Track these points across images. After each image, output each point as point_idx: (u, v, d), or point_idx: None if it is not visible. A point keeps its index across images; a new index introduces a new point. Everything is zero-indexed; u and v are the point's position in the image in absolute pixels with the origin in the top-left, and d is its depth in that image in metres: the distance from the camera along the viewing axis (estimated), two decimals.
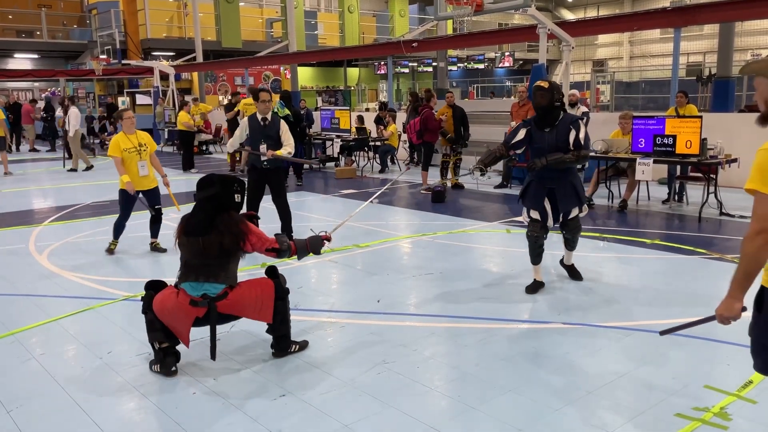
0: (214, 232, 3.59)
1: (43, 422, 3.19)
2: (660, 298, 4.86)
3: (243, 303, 3.68)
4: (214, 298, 3.59)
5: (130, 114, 6.40)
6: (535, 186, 5.02)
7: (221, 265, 3.64)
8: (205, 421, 3.17)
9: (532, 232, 5.05)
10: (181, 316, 3.60)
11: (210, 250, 3.58)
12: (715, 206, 7.81)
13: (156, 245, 6.62)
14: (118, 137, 6.30)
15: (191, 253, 3.66)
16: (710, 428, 2.98)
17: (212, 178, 3.80)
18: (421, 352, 3.94)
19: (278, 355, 3.88)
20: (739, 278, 2.24)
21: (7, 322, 4.60)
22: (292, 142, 6.45)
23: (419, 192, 10.17)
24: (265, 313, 3.73)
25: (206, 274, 3.61)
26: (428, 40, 14.86)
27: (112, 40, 22.66)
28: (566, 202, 5.00)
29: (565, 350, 3.92)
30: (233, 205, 3.73)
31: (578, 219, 5.13)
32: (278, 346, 3.89)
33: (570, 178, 4.98)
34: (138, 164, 6.29)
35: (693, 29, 25.46)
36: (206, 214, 3.65)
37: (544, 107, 4.85)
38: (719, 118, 10.03)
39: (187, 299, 3.57)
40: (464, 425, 3.06)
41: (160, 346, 3.68)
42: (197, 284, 3.60)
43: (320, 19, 27.40)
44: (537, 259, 5.12)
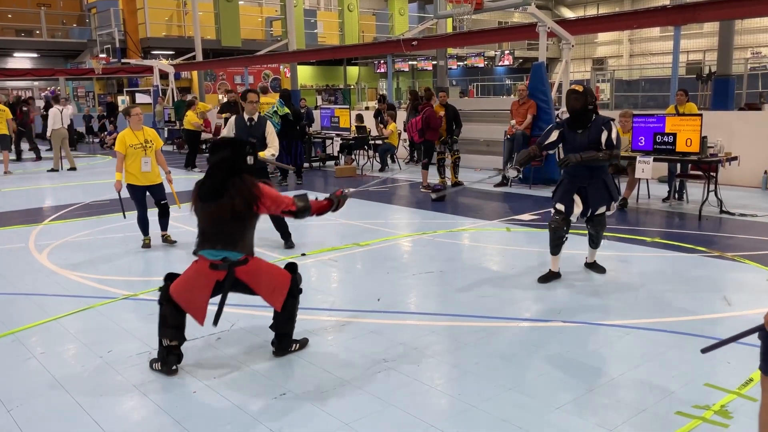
0: (227, 196, 3.57)
1: (43, 421, 3.19)
2: (660, 297, 4.86)
3: (260, 276, 3.69)
4: (234, 263, 3.60)
5: (137, 111, 6.50)
6: (567, 183, 5.19)
7: (237, 233, 3.63)
8: (205, 420, 3.17)
9: (554, 222, 5.15)
10: (200, 284, 3.63)
11: (223, 214, 3.56)
12: (715, 204, 7.81)
13: (167, 237, 6.81)
14: (125, 133, 6.38)
15: (206, 220, 3.66)
16: (711, 426, 2.98)
17: (224, 141, 3.79)
18: (421, 350, 3.93)
19: (279, 353, 3.88)
20: None
21: (7, 321, 4.60)
22: (276, 144, 6.45)
23: (420, 190, 10.17)
24: (277, 298, 3.72)
25: (223, 242, 3.62)
26: (428, 38, 14.86)
27: (111, 39, 22.66)
28: (598, 200, 5.17)
29: (566, 348, 3.92)
30: (245, 168, 3.69)
31: (604, 215, 5.28)
32: (279, 344, 3.88)
33: (602, 176, 5.16)
34: (141, 160, 6.38)
35: (693, 27, 25.44)
36: (218, 178, 3.61)
37: (578, 110, 5.04)
38: (719, 116, 10.02)
39: (207, 263, 3.61)
40: (464, 424, 3.06)
41: (168, 344, 3.68)
42: (215, 251, 3.62)
43: (320, 17, 27.39)
44: (556, 249, 5.20)
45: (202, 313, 3.66)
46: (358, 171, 12.65)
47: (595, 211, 5.21)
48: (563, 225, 5.14)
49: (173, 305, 3.68)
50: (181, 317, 3.71)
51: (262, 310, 4.62)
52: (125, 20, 23.13)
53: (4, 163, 13.63)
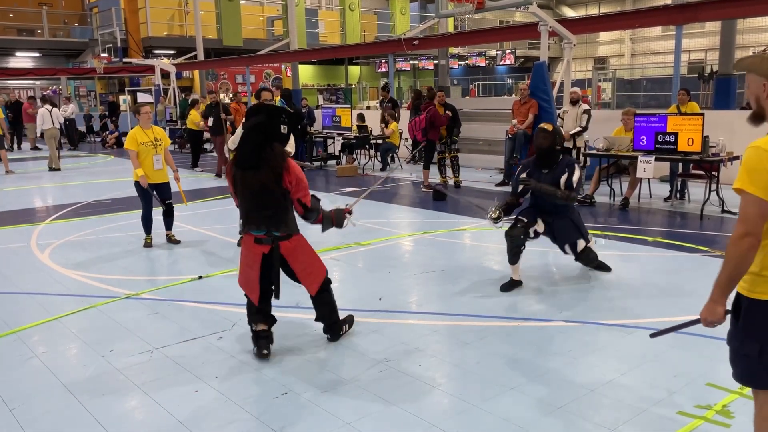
0: (265, 166, 3.56)
1: (45, 420, 3.20)
2: (662, 296, 4.85)
3: (301, 254, 3.78)
4: (278, 237, 3.69)
5: (147, 109, 6.58)
6: (532, 209, 5.20)
7: (280, 212, 3.66)
8: (207, 419, 3.17)
9: (512, 232, 5.05)
10: (249, 261, 3.72)
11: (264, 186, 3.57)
12: (716, 204, 7.80)
13: (171, 237, 6.85)
14: (136, 131, 6.42)
15: (248, 197, 3.67)
16: (713, 426, 2.98)
17: (259, 106, 3.81)
18: (422, 350, 3.93)
19: (333, 339, 4.05)
20: (722, 282, 2.16)
21: (9, 320, 4.60)
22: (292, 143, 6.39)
23: (421, 190, 10.17)
24: (312, 281, 3.83)
25: (267, 222, 3.66)
26: (429, 37, 14.85)
27: (113, 38, 22.68)
28: (566, 235, 5.12)
29: (567, 348, 3.92)
30: (279, 137, 3.67)
31: (590, 250, 5.19)
32: (331, 331, 4.04)
33: (568, 214, 5.13)
34: (153, 158, 6.45)
35: (695, 26, 25.40)
36: (254, 144, 3.60)
37: (545, 149, 5.03)
38: (721, 115, 10.01)
39: (252, 238, 3.70)
40: (466, 423, 3.06)
41: (256, 329, 3.78)
42: (259, 230, 3.71)
43: (321, 17, 27.38)
44: (514, 258, 5.08)
45: (255, 291, 3.75)
46: (360, 170, 12.64)
47: (574, 248, 5.13)
48: (521, 233, 5.03)
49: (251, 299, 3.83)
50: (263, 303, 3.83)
51: None
52: (127, 19, 23.14)
53: (4, 163, 13.64)
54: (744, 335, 2.18)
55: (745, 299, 2.17)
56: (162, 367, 3.77)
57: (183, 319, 4.58)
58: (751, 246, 2.07)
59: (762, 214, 2.05)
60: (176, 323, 4.52)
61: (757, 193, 2.03)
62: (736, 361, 2.25)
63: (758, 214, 2.04)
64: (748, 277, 2.16)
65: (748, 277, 2.16)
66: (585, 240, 5.15)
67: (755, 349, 2.14)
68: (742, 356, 2.21)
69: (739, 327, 2.20)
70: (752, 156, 2.05)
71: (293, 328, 4.35)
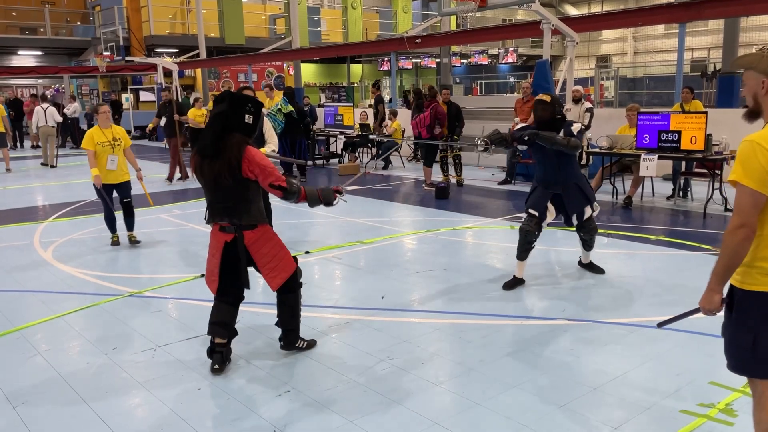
0: (223, 155, 3.47)
1: (49, 418, 3.20)
2: (665, 295, 4.84)
3: (265, 247, 3.65)
4: (242, 226, 3.59)
5: (105, 108, 6.46)
6: (541, 190, 5.16)
7: (241, 203, 3.57)
8: (209, 417, 3.17)
9: (526, 226, 5.07)
10: (212, 248, 3.67)
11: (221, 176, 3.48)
12: (719, 202, 7.79)
13: (132, 238, 6.74)
14: (93, 131, 6.36)
15: (208, 186, 3.63)
16: (716, 424, 2.98)
17: (224, 94, 3.69)
18: (425, 348, 3.93)
19: (286, 348, 3.88)
20: (718, 271, 2.23)
21: (12, 318, 4.61)
22: (275, 140, 6.32)
23: (423, 188, 10.16)
24: (275, 277, 3.68)
25: (229, 213, 3.59)
26: (431, 36, 14.83)
27: (115, 36, 22.67)
28: (575, 204, 5.12)
29: (570, 347, 3.92)
30: (241, 127, 3.54)
31: (593, 219, 5.21)
32: (286, 339, 3.88)
33: (574, 180, 5.11)
34: (108, 158, 6.37)
35: (698, 24, 25.34)
36: (214, 133, 3.52)
37: (547, 120, 5.01)
38: (724, 113, 9.99)
39: (218, 226, 3.65)
40: (469, 421, 3.06)
41: (213, 341, 3.70)
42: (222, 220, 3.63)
43: (323, 15, 27.38)
44: (524, 255, 5.10)
45: (215, 281, 3.68)
46: (362, 168, 12.64)
47: (581, 216, 5.16)
48: (535, 229, 5.05)
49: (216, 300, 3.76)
50: (223, 313, 3.73)
51: (264, 307, 4.63)
52: (129, 18, 23.14)
53: (5, 161, 13.67)
54: (736, 326, 2.25)
55: (738, 291, 2.24)
56: (165, 364, 3.78)
57: (186, 317, 4.59)
58: (746, 236, 2.14)
59: (755, 205, 2.12)
60: (179, 321, 4.53)
61: (751, 184, 2.10)
62: (730, 351, 2.32)
63: (752, 204, 2.12)
64: (740, 269, 2.23)
65: (740, 269, 2.23)
66: (591, 207, 5.18)
67: (749, 339, 2.21)
68: (735, 346, 2.28)
69: (732, 318, 2.27)
70: (746, 149, 2.14)
71: None
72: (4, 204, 9.51)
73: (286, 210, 8.51)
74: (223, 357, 3.69)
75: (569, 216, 5.21)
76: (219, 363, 3.66)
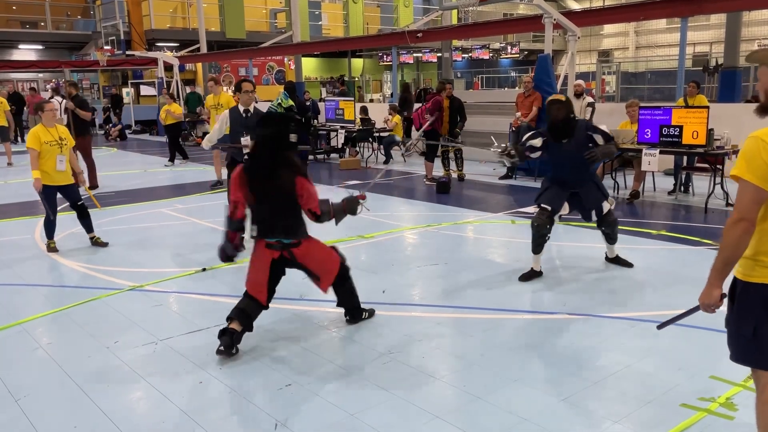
0: (278, 176, 3.66)
1: (51, 411, 3.22)
2: (666, 289, 4.84)
3: (313, 255, 3.88)
4: (288, 244, 3.79)
5: (51, 106, 6.20)
6: (557, 189, 5.18)
7: (291, 220, 3.77)
8: (211, 410, 3.18)
9: (538, 221, 5.09)
10: (258, 264, 3.81)
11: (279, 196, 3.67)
12: (721, 197, 7.78)
13: (96, 240, 6.47)
14: (38, 129, 6.04)
15: (262, 206, 3.73)
16: (716, 419, 2.98)
17: (270, 116, 3.91)
18: (426, 342, 3.94)
19: (352, 322, 4.21)
20: (718, 266, 2.26)
21: (14, 311, 4.62)
22: None
23: (424, 183, 10.16)
24: (326, 281, 3.93)
25: (279, 231, 3.76)
26: (433, 30, 14.79)
27: (116, 30, 22.65)
28: (594, 200, 5.20)
29: (571, 341, 3.92)
30: (288, 145, 3.74)
31: (612, 212, 5.28)
32: (352, 317, 4.21)
33: (591, 178, 5.23)
34: (57, 158, 6.07)
35: (700, 19, 25.24)
36: (267, 155, 3.68)
37: (562, 120, 5.02)
38: (726, 108, 9.97)
39: (264, 243, 3.78)
40: (469, 415, 3.07)
41: (229, 325, 3.75)
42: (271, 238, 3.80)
43: (324, 9, 27.32)
44: (538, 248, 5.14)
45: (264, 293, 3.82)
46: (363, 163, 12.63)
47: (600, 212, 5.22)
48: (547, 223, 5.07)
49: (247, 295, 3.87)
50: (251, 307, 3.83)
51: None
52: (130, 12, 23.10)
53: (7, 155, 13.67)
54: (738, 317, 2.29)
55: (740, 282, 2.27)
56: (167, 358, 3.79)
57: (187, 311, 4.60)
58: (745, 231, 2.16)
59: (756, 200, 2.15)
60: (180, 315, 4.54)
61: (753, 180, 2.13)
62: (732, 341, 2.35)
63: (753, 200, 2.15)
64: (743, 261, 2.25)
65: (743, 261, 2.25)
66: (608, 202, 5.25)
67: (750, 329, 2.24)
68: (737, 337, 2.31)
69: (734, 310, 2.31)
70: (751, 146, 2.17)
71: (297, 320, 4.36)
72: (5, 198, 9.53)
73: None
74: (232, 341, 3.72)
75: (587, 212, 5.28)
76: (226, 345, 3.69)
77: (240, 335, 3.77)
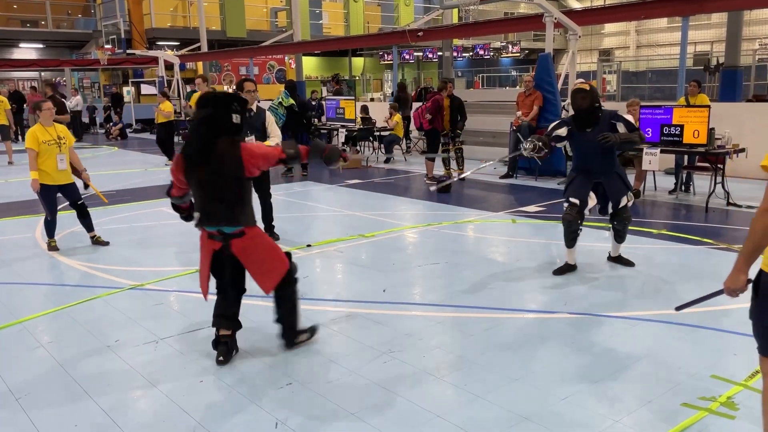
0: (215, 160, 3.40)
1: (51, 409, 3.21)
2: (666, 289, 4.84)
3: (255, 253, 3.56)
4: (230, 235, 3.51)
5: (49, 105, 6.11)
6: (582, 179, 5.19)
7: (233, 205, 3.50)
8: (212, 409, 3.18)
9: (568, 216, 5.12)
10: (203, 255, 3.64)
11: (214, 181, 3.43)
12: (722, 196, 7.77)
13: (97, 239, 6.46)
14: (36, 129, 5.99)
15: (199, 191, 3.52)
16: (717, 418, 2.98)
17: (208, 96, 3.58)
18: (427, 341, 3.94)
19: (287, 346, 3.83)
20: (746, 252, 2.32)
21: (14, 310, 4.62)
22: (278, 133, 6.20)
23: (425, 182, 10.15)
24: (267, 281, 3.60)
25: (218, 216, 3.50)
26: (434, 29, 14.78)
27: (116, 29, 22.64)
28: (616, 192, 5.18)
29: (572, 340, 3.92)
30: (229, 127, 3.47)
31: (628, 208, 5.26)
32: (286, 337, 3.82)
33: (616, 169, 5.21)
34: (57, 157, 6.04)
35: (700, 18, 25.21)
36: (203, 139, 3.43)
37: (586, 109, 5.00)
38: (727, 107, 9.96)
39: (206, 233, 3.60)
40: (470, 414, 3.07)
41: (218, 334, 3.71)
42: (212, 227, 3.55)
43: (325, 8, 27.31)
44: (571, 242, 5.18)
45: (204, 286, 3.68)
46: (364, 162, 12.63)
47: (617, 205, 5.20)
48: (577, 218, 5.11)
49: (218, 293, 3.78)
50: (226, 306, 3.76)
51: (269, 300, 4.63)
52: (130, 10, 23.11)
53: (8, 153, 13.67)
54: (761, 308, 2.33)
55: (766, 275, 2.31)
56: (167, 357, 3.79)
57: (188, 310, 4.60)
58: None
59: None
60: (181, 314, 4.54)
61: None
62: (761, 333, 2.39)
63: None
64: None
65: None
66: (627, 197, 5.23)
67: None
68: (763, 328, 2.35)
69: (759, 302, 2.35)
70: None
71: None
72: (6, 197, 9.53)
73: (287, 204, 8.52)
74: (228, 348, 3.70)
75: (606, 204, 5.27)
76: (224, 355, 3.67)
77: (233, 337, 3.75)
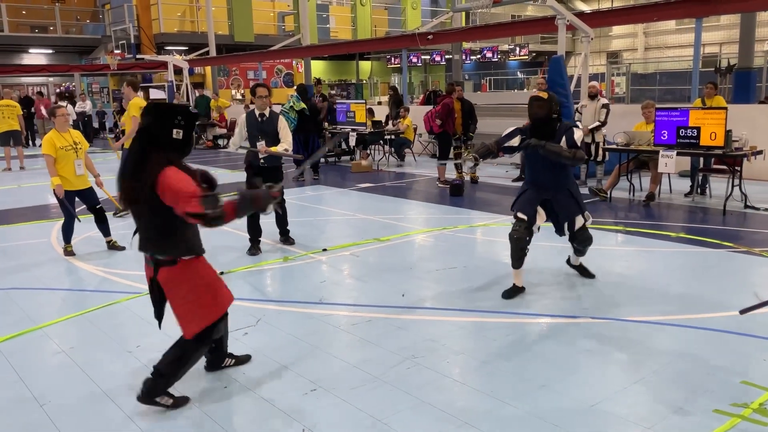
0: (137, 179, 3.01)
1: (75, 416, 3.20)
2: (689, 293, 4.79)
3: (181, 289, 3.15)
4: (160, 261, 3.12)
5: (63, 111, 6.13)
6: (530, 192, 4.86)
7: (154, 235, 3.09)
8: (236, 416, 3.16)
9: (515, 232, 4.72)
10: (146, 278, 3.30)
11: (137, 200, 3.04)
12: (739, 199, 7.71)
13: (113, 244, 6.47)
14: (52, 135, 6.02)
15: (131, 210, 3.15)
16: (750, 425, 2.93)
17: (149, 105, 3.23)
18: (449, 346, 3.90)
19: (141, 398, 3.18)
20: None
21: (34, 315, 4.61)
22: (289, 140, 6.14)
23: (437, 185, 10.12)
24: (188, 323, 3.18)
25: (146, 238, 3.14)
26: (443, 32, 14.76)
27: (125, 34, 22.71)
28: (567, 212, 4.83)
29: (596, 345, 3.87)
30: (169, 142, 3.06)
31: (586, 229, 4.89)
32: (147, 386, 3.18)
33: (567, 186, 4.83)
34: (75, 163, 6.07)
35: (710, 20, 25.08)
36: (133, 151, 3.08)
37: (542, 118, 4.68)
38: (741, 109, 9.88)
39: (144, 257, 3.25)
40: (499, 420, 3.03)
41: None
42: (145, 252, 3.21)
43: (332, 12, 27.36)
44: (518, 262, 4.77)
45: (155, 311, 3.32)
46: (374, 166, 12.61)
47: (572, 226, 4.85)
48: (526, 235, 4.70)
49: None
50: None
51: (288, 305, 4.62)
52: (139, 16, 23.20)
53: (20, 159, 13.74)
54: None
55: None
56: None
57: None
58: None
59: None
60: None
61: None
62: None
63: None
64: None
65: None
66: (583, 217, 4.86)
67: None
68: None
69: None
70: None
71: (317, 324, 4.33)
72: (20, 202, 9.55)
73: (300, 208, 8.50)
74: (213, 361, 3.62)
75: (561, 224, 4.93)
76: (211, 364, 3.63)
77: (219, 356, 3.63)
